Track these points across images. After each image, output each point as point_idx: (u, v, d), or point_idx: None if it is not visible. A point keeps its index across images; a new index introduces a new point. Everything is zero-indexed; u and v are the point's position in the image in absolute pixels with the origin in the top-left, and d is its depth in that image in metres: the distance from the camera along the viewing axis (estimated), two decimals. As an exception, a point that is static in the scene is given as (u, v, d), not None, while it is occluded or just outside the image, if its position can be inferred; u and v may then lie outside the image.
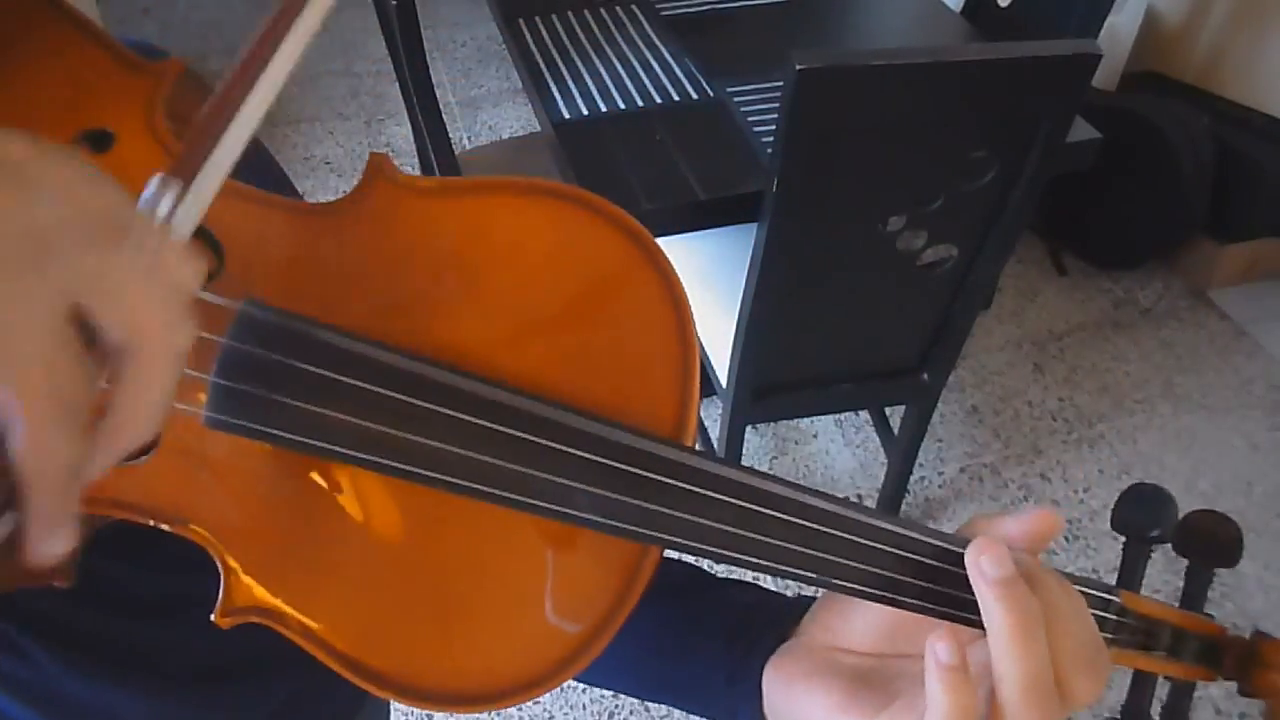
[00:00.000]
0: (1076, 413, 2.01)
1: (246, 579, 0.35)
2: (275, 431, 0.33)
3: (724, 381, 1.41)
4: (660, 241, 0.38)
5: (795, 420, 1.99)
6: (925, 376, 1.49)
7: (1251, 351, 2.15)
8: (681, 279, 0.37)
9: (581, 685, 1.59)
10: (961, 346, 1.47)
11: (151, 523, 0.35)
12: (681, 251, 1.58)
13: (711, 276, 1.54)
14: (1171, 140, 2.07)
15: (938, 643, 0.33)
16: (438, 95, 1.60)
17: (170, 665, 0.51)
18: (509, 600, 0.36)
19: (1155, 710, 0.42)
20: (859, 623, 0.40)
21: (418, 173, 2.32)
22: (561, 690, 1.59)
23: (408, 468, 0.33)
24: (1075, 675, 0.34)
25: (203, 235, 0.35)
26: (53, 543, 0.25)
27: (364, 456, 0.33)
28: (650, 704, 1.58)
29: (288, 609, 0.35)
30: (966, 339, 1.47)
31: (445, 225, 0.37)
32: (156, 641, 0.49)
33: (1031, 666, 0.33)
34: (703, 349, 1.49)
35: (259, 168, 0.49)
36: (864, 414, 1.99)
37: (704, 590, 0.51)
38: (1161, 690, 0.43)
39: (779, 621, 0.44)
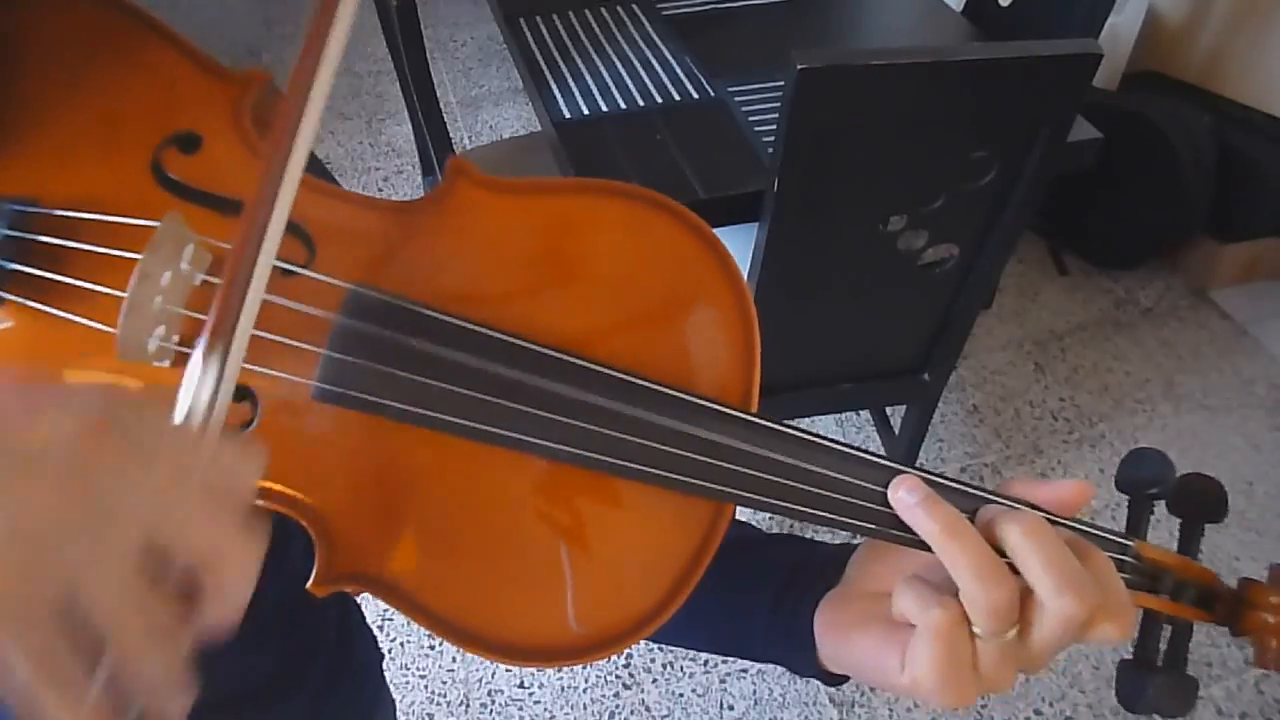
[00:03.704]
0: (1077, 412, 2.01)
1: (340, 547, 0.37)
2: (382, 401, 0.36)
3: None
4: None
5: (796, 420, 1.98)
6: (926, 376, 1.49)
7: (1253, 351, 2.15)
8: None
9: (582, 685, 1.60)
10: (962, 346, 1.47)
11: None
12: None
13: (712, 276, 1.54)
14: (1172, 140, 2.07)
15: (898, 489, 0.38)
16: (438, 95, 1.61)
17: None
18: (593, 561, 0.38)
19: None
20: (904, 566, 0.42)
21: (418, 173, 2.32)
22: (562, 690, 1.59)
23: (503, 432, 0.36)
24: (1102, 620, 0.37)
25: (293, 228, 0.38)
26: (175, 699, 0.27)
27: (463, 423, 0.36)
28: (652, 705, 1.58)
29: (381, 574, 0.37)
30: (967, 339, 1.47)
31: (525, 220, 0.40)
32: None
33: (967, 547, 0.36)
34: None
35: (316, 169, 0.50)
36: (865, 414, 1.99)
37: (749, 549, 0.53)
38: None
39: (823, 574, 0.47)
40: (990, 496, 0.40)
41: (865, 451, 0.40)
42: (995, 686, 0.37)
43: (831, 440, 0.39)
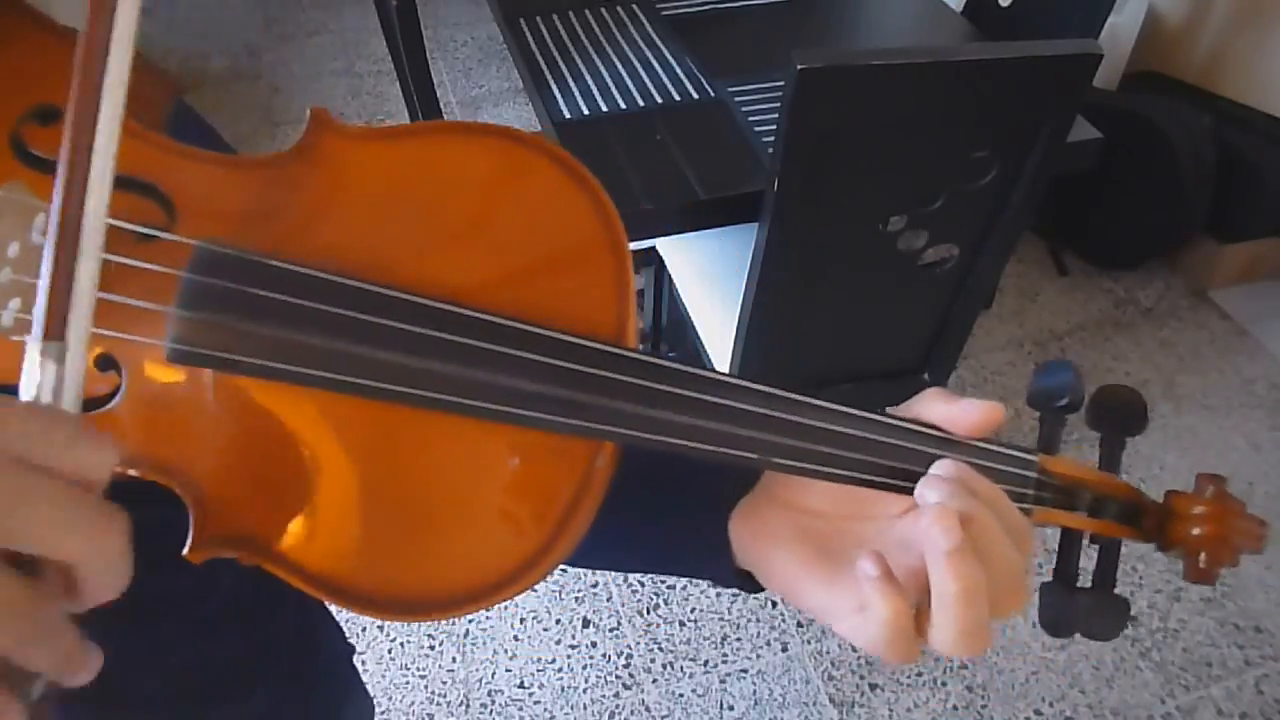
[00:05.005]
0: (1077, 413, 2.01)
1: (215, 512, 0.36)
2: (234, 357, 0.35)
3: (725, 381, 1.41)
4: (660, 241, 0.39)
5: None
6: (926, 376, 1.49)
7: (1253, 351, 2.15)
8: (682, 279, 0.38)
9: (582, 685, 1.60)
10: (963, 346, 1.47)
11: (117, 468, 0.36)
12: (681, 251, 1.58)
13: (712, 276, 1.54)
14: (1172, 140, 2.07)
15: (864, 561, 0.37)
16: (438, 95, 1.61)
17: (148, 687, 0.51)
18: (473, 506, 0.38)
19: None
20: (819, 484, 0.42)
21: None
22: (562, 690, 1.59)
23: (362, 381, 0.35)
24: (1005, 598, 0.36)
25: (148, 190, 0.37)
26: (75, 671, 0.27)
27: (321, 375, 0.35)
28: (652, 705, 1.58)
29: (258, 538, 0.37)
30: (967, 339, 1.47)
31: (385, 165, 0.40)
32: (131, 658, 0.49)
33: (972, 614, 0.36)
34: (704, 348, 1.49)
35: (198, 135, 0.50)
36: (865, 414, 1.99)
37: (663, 459, 0.53)
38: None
39: (743, 479, 0.47)
40: (893, 422, 0.40)
41: (763, 384, 0.39)
42: None
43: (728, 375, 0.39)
